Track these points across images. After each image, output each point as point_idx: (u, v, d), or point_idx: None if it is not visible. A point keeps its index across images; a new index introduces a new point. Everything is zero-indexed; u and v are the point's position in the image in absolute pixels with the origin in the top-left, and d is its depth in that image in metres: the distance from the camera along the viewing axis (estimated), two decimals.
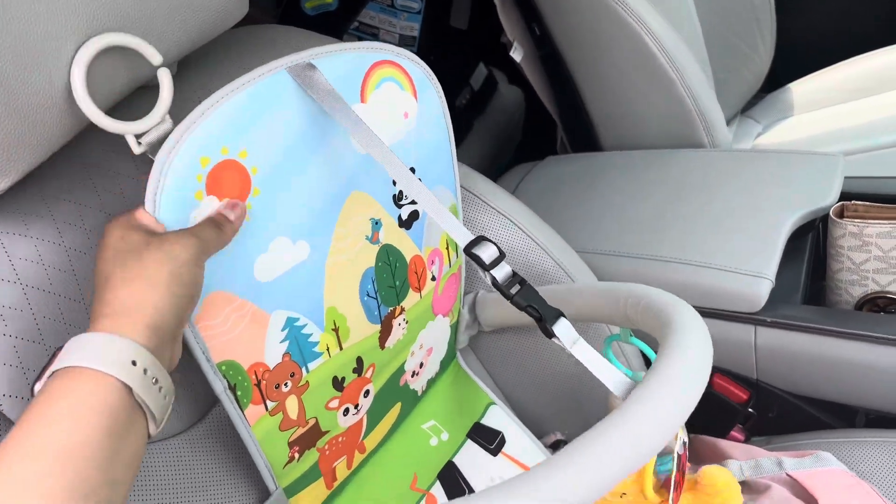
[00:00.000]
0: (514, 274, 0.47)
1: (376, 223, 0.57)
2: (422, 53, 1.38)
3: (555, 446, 0.79)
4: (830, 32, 1.43)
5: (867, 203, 0.81)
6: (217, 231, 0.42)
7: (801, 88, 1.36)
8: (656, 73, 1.00)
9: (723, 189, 0.91)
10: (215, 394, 0.48)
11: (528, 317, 0.50)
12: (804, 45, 1.43)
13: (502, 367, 0.78)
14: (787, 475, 0.63)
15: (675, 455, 0.48)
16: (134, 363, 0.34)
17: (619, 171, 1.04)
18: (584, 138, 1.17)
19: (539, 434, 0.75)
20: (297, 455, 0.54)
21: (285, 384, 0.51)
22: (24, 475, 0.30)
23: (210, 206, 0.43)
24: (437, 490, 0.66)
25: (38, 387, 0.35)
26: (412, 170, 0.59)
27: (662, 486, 0.49)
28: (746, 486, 0.64)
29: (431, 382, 0.71)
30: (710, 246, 0.82)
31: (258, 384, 0.49)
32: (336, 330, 0.55)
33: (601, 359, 0.44)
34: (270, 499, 0.53)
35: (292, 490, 0.55)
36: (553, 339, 0.46)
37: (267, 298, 0.48)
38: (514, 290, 0.46)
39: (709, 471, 0.52)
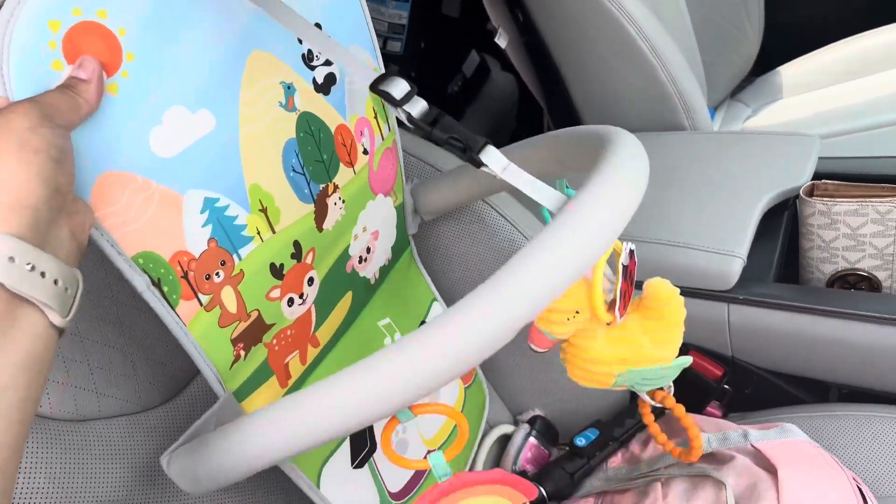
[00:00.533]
0: (431, 108, 0.45)
1: (289, 87, 0.52)
2: (412, 41, 1.39)
3: (531, 422, 0.81)
4: (820, 14, 1.43)
5: (836, 182, 0.82)
6: (67, 93, 0.37)
7: (790, 71, 1.36)
8: (636, 57, 1.01)
9: (700, 171, 0.92)
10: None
11: (464, 195, 0.46)
12: (794, 28, 1.43)
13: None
14: (752, 446, 0.64)
15: (621, 266, 0.47)
16: None
17: None
18: (569, 123, 1.19)
19: None
20: (242, 353, 0.50)
21: (217, 274, 0.47)
22: None
23: None
24: None
25: None
26: (318, 26, 0.54)
27: (610, 306, 0.48)
28: (713, 457, 0.65)
29: (385, 270, 0.68)
30: (684, 226, 0.84)
31: (185, 276, 0.45)
32: (264, 211, 0.50)
33: (534, 180, 0.42)
34: (218, 403, 0.48)
35: (243, 392, 0.51)
36: (482, 169, 0.44)
37: (174, 176, 0.44)
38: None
39: (651, 282, 0.49)
